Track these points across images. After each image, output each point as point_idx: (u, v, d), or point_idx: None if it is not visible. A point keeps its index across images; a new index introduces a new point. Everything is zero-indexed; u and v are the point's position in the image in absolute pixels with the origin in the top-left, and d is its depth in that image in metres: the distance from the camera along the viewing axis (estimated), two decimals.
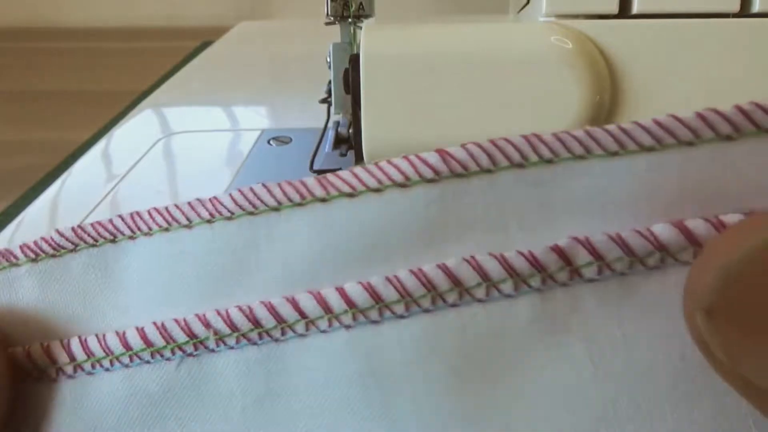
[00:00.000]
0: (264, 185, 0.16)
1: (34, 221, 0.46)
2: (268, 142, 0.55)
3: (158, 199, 0.49)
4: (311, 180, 0.15)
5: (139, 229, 0.16)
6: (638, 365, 0.13)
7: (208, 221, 0.16)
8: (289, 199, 0.15)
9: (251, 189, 0.16)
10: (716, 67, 0.32)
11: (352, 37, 0.40)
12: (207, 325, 0.15)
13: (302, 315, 0.15)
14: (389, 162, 0.15)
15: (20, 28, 1.11)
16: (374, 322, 0.14)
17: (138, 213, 0.16)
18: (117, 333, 0.16)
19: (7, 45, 1.03)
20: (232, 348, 0.15)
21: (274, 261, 0.15)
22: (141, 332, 0.16)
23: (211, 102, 0.68)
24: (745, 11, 0.32)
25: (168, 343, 0.16)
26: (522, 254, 0.14)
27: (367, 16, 0.39)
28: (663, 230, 0.13)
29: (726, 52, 0.32)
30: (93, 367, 0.16)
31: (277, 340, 0.15)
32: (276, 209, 0.15)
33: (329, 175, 0.15)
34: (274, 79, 0.75)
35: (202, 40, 0.93)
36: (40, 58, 0.98)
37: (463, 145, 0.15)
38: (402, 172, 0.15)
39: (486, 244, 0.14)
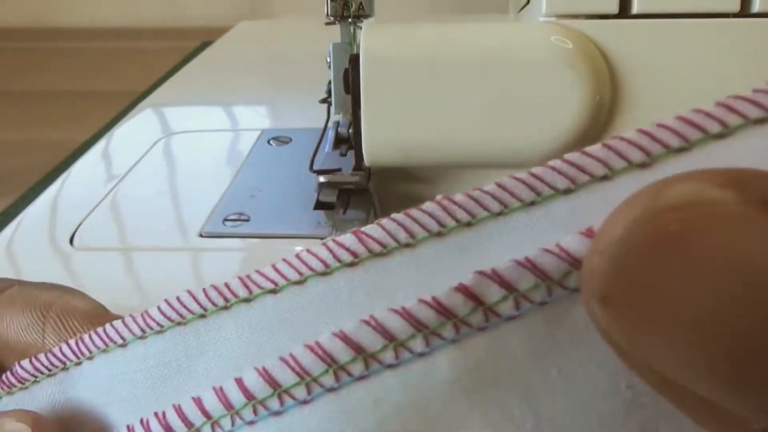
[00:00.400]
0: (189, 292, 0.15)
1: (34, 221, 0.46)
2: (268, 142, 0.55)
3: (158, 199, 0.49)
4: (235, 281, 0.14)
5: (82, 353, 0.16)
6: (584, 402, 0.12)
7: (141, 337, 0.15)
8: (214, 304, 0.14)
9: (177, 298, 0.15)
10: (716, 66, 0.32)
11: (352, 37, 0.40)
12: None
13: (206, 416, 0.13)
14: (309, 251, 0.14)
15: (20, 28, 1.11)
16: (275, 413, 0.13)
17: (81, 338, 0.16)
18: None
19: (7, 45, 1.03)
20: None
21: (204, 368, 0.15)
22: None
23: (211, 102, 0.68)
24: (745, 11, 0.32)
25: None
26: (425, 302, 0.12)
27: (367, 16, 0.40)
28: (572, 242, 0.11)
29: (726, 52, 0.32)
30: None
31: None
32: (203, 316, 0.15)
33: (252, 273, 0.14)
34: (274, 79, 0.75)
35: (202, 40, 0.93)
36: (40, 58, 0.98)
37: (377, 223, 0.14)
38: (321, 260, 0.14)
39: None
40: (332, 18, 0.40)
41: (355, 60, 0.33)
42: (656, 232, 0.10)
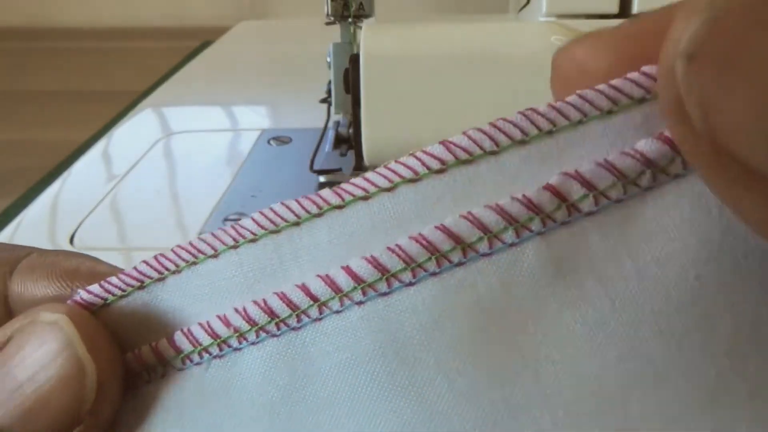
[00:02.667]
0: (282, 203, 0.16)
1: (34, 221, 0.46)
2: (268, 142, 0.55)
3: (158, 200, 0.49)
4: (326, 191, 0.15)
5: (166, 268, 0.17)
6: (653, 291, 0.13)
7: (233, 247, 0.16)
8: (308, 212, 0.15)
9: (271, 209, 0.16)
10: None
11: (352, 37, 0.40)
12: (227, 323, 0.16)
13: (313, 299, 0.15)
14: (397, 161, 0.15)
15: (20, 28, 1.11)
16: (384, 294, 0.14)
17: (162, 254, 0.17)
18: (150, 344, 0.16)
19: (7, 45, 1.03)
20: (253, 343, 0.16)
21: (298, 272, 0.16)
22: (171, 341, 0.16)
23: (211, 102, 0.68)
24: None
25: (195, 347, 0.16)
26: (516, 199, 0.14)
27: (367, 16, 0.39)
28: (646, 145, 0.13)
29: None
30: (150, 374, 0.17)
31: (294, 328, 0.15)
32: (296, 224, 0.16)
33: (343, 184, 0.15)
34: (274, 79, 0.75)
35: (202, 40, 0.93)
36: (40, 58, 0.98)
37: (464, 132, 0.15)
38: (410, 168, 0.15)
39: None
40: (332, 18, 0.40)
41: (355, 60, 0.33)
42: None
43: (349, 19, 0.39)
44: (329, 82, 0.43)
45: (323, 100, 0.47)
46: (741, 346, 0.13)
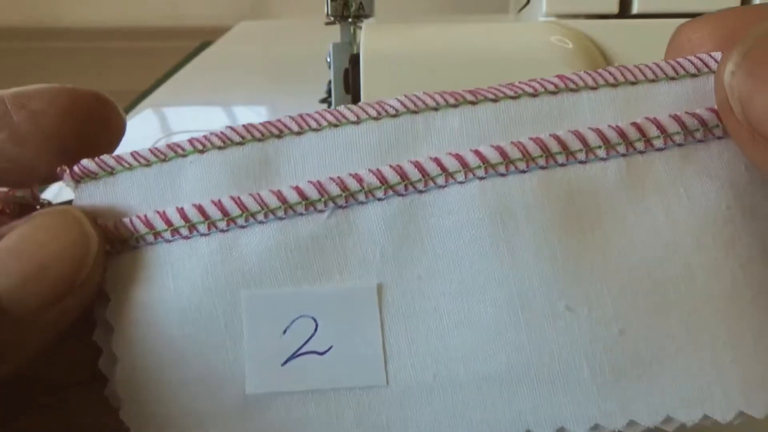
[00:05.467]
0: (425, 92, 0.20)
1: None
2: None
3: None
4: (464, 91, 0.20)
5: (308, 125, 0.20)
6: (696, 213, 0.19)
7: (375, 118, 0.20)
8: (446, 102, 0.20)
9: (414, 94, 0.20)
10: None
11: (352, 37, 0.40)
12: (360, 180, 0.19)
13: (443, 169, 0.19)
14: (521, 82, 0.20)
15: (20, 28, 1.11)
16: (502, 174, 0.19)
17: (307, 114, 0.20)
18: (271, 190, 0.19)
19: (7, 45, 1.03)
20: (379, 200, 0.19)
21: (427, 150, 0.19)
22: (296, 188, 0.19)
23: (211, 102, 0.68)
24: None
25: (322, 196, 0.19)
26: (612, 127, 0.19)
27: (367, 16, 0.39)
28: (703, 112, 0.19)
29: None
30: (246, 220, 0.19)
31: (420, 191, 0.19)
32: (435, 109, 0.20)
33: (480, 88, 0.20)
34: (274, 79, 0.75)
35: (202, 40, 0.93)
36: (40, 58, 0.98)
37: (573, 73, 0.20)
38: (532, 87, 0.20)
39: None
40: (332, 18, 0.40)
41: (355, 60, 0.33)
42: None
43: (349, 19, 0.39)
44: (329, 82, 0.43)
45: (323, 100, 0.47)
46: (754, 261, 0.19)
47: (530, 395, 0.19)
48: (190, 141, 0.20)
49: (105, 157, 0.21)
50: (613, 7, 0.33)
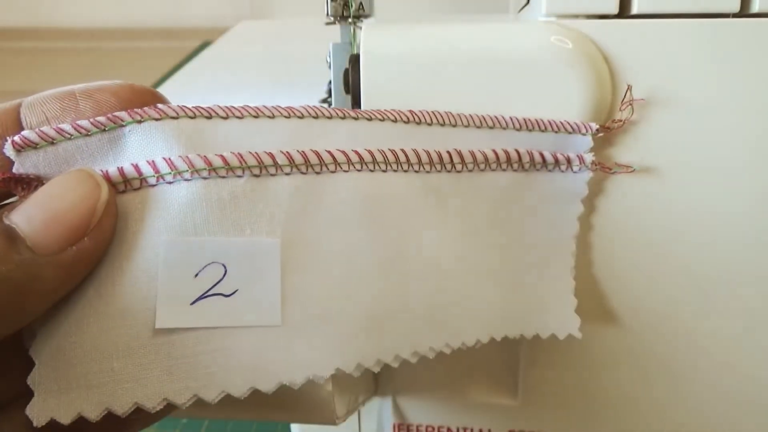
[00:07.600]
0: (321, 106, 0.26)
1: None
2: None
3: None
4: (350, 110, 0.28)
5: (233, 114, 0.25)
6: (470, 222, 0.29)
7: (286, 117, 0.25)
8: (337, 115, 0.27)
9: (313, 106, 0.26)
10: (716, 67, 0.32)
11: (352, 37, 0.40)
12: (273, 157, 0.23)
13: (334, 159, 0.25)
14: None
15: (20, 28, 1.11)
16: (371, 171, 0.26)
17: (233, 106, 0.25)
18: (198, 154, 0.23)
19: (7, 45, 1.03)
20: (287, 174, 0.24)
21: (325, 142, 0.26)
22: (220, 156, 0.23)
23: (211, 102, 0.68)
24: (745, 11, 0.32)
25: (241, 164, 0.23)
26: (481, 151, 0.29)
27: (367, 16, 0.39)
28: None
29: (726, 52, 0.32)
30: (174, 177, 0.23)
31: (317, 173, 0.24)
32: (329, 118, 0.27)
33: (362, 110, 0.28)
34: (274, 79, 0.75)
35: (202, 40, 0.93)
36: (40, 58, 0.98)
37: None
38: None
39: None
40: (332, 18, 0.40)
41: (355, 60, 0.33)
42: None
43: (349, 19, 0.39)
44: (329, 82, 0.43)
45: (323, 101, 0.47)
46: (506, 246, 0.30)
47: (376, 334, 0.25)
48: (128, 112, 0.24)
49: (45, 128, 0.24)
50: (613, 7, 0.32)
